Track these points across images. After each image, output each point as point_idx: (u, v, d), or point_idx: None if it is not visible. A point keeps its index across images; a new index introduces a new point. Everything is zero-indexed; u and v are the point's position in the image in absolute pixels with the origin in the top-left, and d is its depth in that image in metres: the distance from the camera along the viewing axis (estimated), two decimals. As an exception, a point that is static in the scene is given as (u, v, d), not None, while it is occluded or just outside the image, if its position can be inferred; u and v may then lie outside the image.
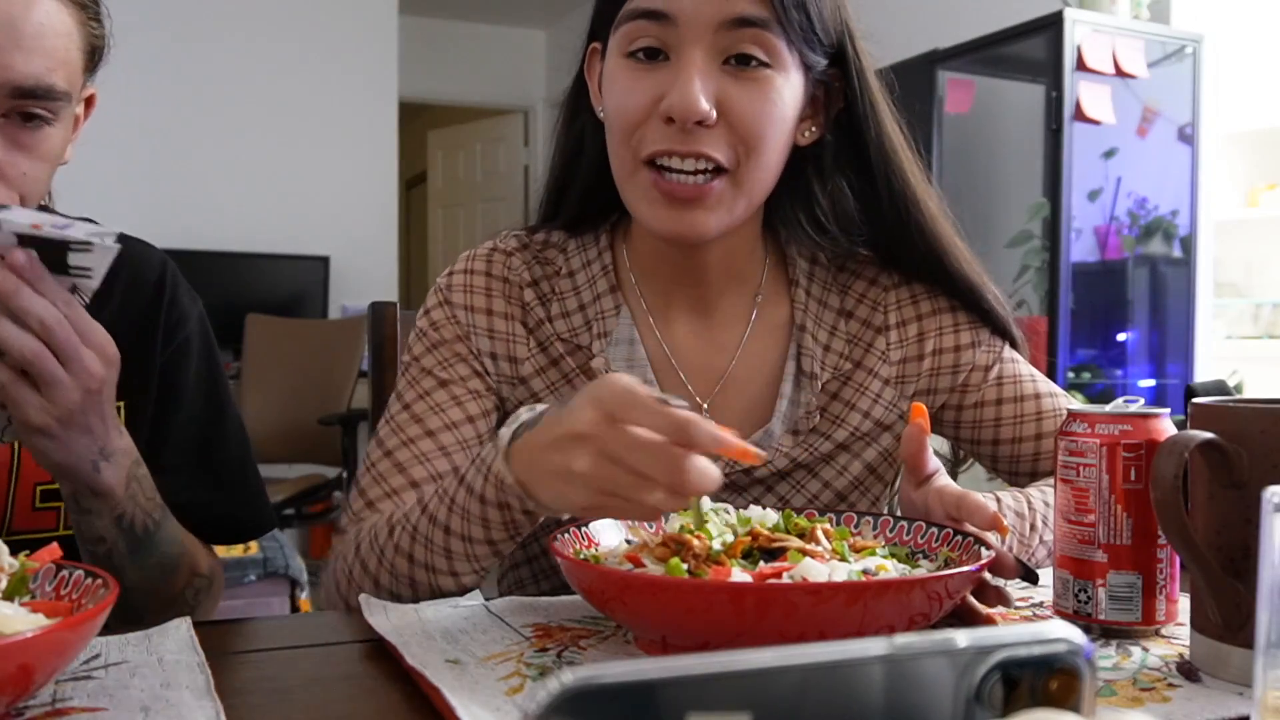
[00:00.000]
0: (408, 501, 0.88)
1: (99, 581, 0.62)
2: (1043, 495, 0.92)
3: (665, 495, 0.63)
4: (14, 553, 0.65)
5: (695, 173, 0.89)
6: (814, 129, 0.97)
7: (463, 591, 0.82)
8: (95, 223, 1.04)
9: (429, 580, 0.81)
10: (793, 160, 0.96)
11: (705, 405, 1.00)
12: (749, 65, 0.88)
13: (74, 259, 0.74)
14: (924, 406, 0.82)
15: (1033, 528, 0.89)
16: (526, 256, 1.03)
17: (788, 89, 0.91)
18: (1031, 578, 0.73)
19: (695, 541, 0.70)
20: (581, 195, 1.03)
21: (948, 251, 1.01)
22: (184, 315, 1.05)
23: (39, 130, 0.85)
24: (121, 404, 0.98)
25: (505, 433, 0.74)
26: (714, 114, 0.88)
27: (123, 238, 1.04)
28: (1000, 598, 0.74)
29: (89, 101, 0.96)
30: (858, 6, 0.98)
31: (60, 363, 0.75)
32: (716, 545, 0.71)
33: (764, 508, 0.80)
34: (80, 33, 0.88)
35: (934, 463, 0.82)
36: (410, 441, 0.94)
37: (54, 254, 0.73)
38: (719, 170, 0.90)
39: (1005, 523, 0.74)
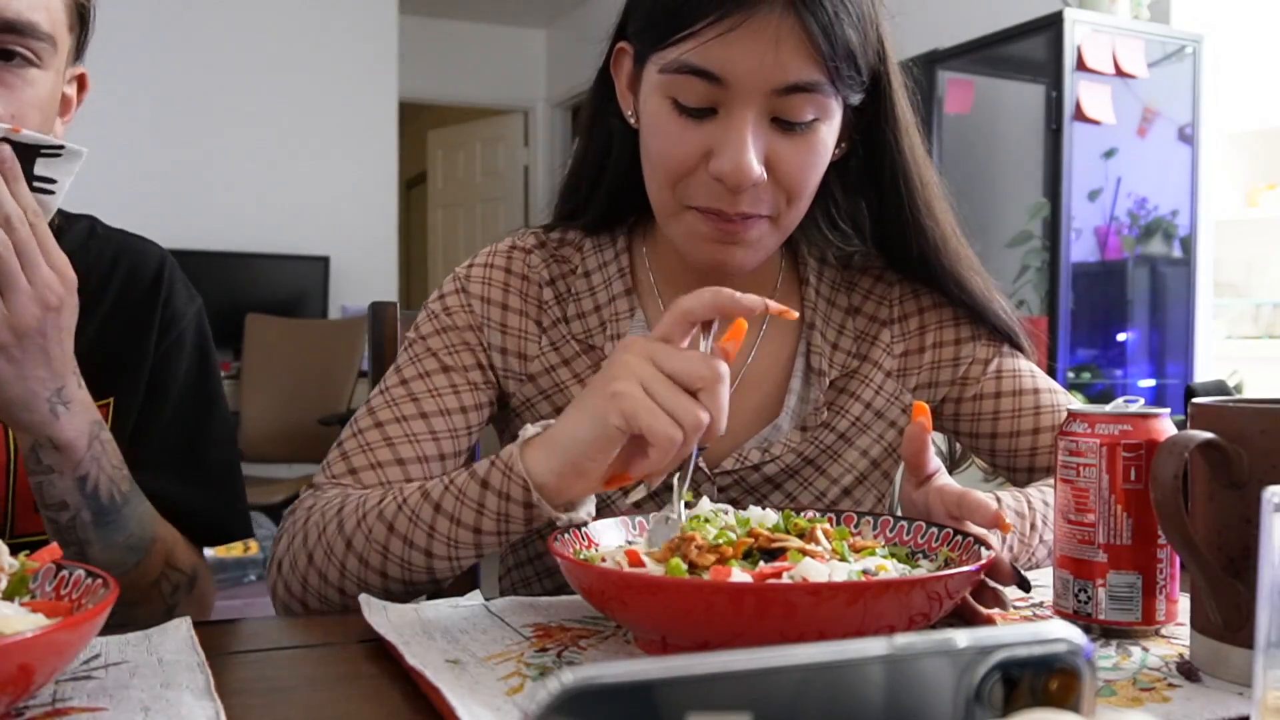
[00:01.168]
0: (391, 477, 0.90)
1: (99, 581, 0.62)
2: (1042, 495, 0.92)
3: (693, 405, 0.69)
4: (14, 553, 0.65)
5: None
6: (843, 145, 0.97)
7: (430, 576, 0.82)
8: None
9: (400, 553, 0.81)
10: None
11: None
12: (799, 128, 0.88)
13: (40, 168, 0.76)
14: (926, 405, 0.82)
15: (1033, 527, 0.89)
16: (545, 254, 1.04)
17: (831, 134, 0.91)
18: (1025, 587, 0.74)
19: (698, 537, 0.70)
20: (607, 198, 1.03)
21: (959, 271, 1.02)
22: (179, 312, 1.03)
23: (22, 70, 0.84)
24: (110, 400, 0.97)
25: (528, 429, 0.78)
26: (765, 175, 0.87)
27: (122, 233, 1.05)
28: (997, 600, 0.74)
29: (81, 84, 0.95)
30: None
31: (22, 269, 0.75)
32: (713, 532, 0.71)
33: (773, 506, 0.81)
34: None
35: (935, 462, 0.83)
36: (403, 419, 0.93)
37: (24, 161, 0.76)
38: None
39: (1007, 520, 0.75)
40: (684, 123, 0.88)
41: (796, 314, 0.75)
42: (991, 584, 0.74)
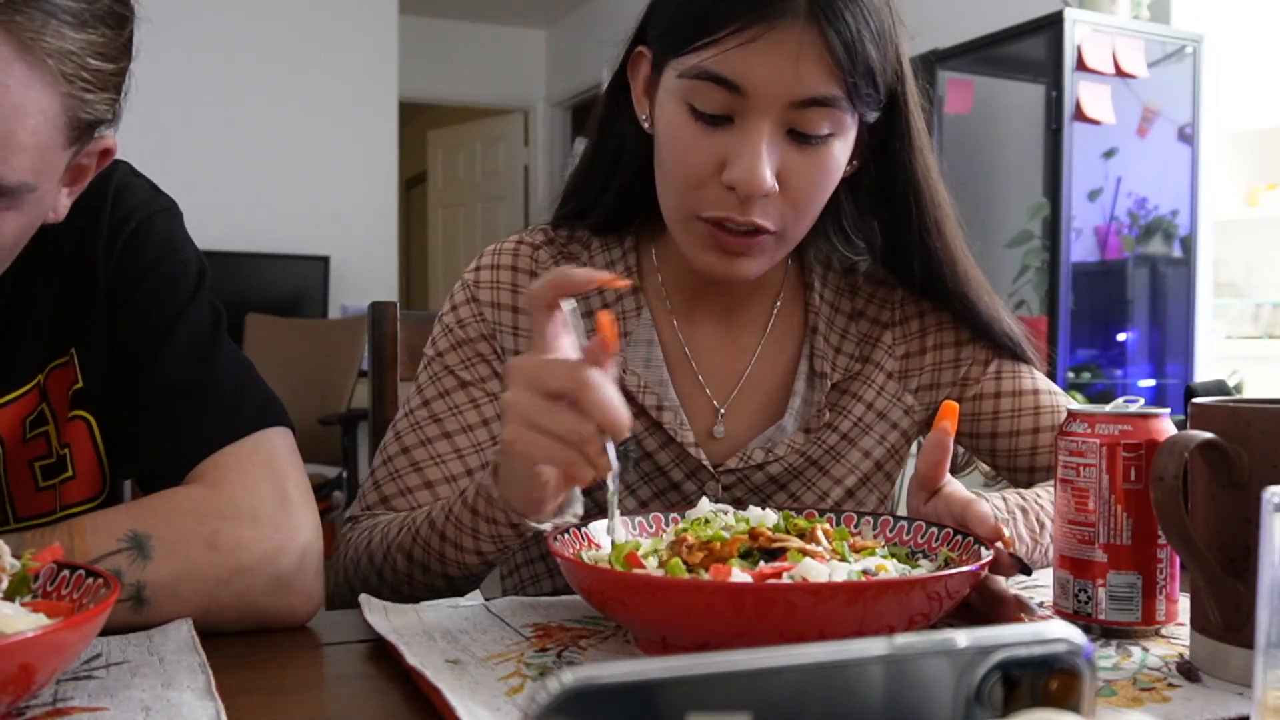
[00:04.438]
0: (420, 501, 0.93)
1: (99, 581, 0.62)
2: (1050, 495, 0.92)
3: (579, 451, 0.68)
4: (16, 553, 0.65)
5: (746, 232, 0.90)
6: (854, 162, 0.97)
7: (454, 588, 0.86)
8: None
9: (424, 580, 0.86)
10: None
11: (722, 410, 1.01)
12: (814, 141, 0.88)
13: None
14: (955, 405, 0.79)
15: (1041, 526, 0.90)
16: (553, 250, 1.04)
17: (844, 150, 0.91)
18: (1026, 570, 0.74)
19: (689, 537, 0.70)
20: (616, 200, 1.03)
21: (966, 292, 1.02)
22: (133, 209, 0.87)
23: None
24: (71, 353, 0.85)
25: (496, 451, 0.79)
26: (777, 187, 0.87)
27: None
28: (1022, 607, 0.72)
29: (105, 153, 0.82)
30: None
31: None
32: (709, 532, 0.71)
33: (777, 506, 0.81)
34: (58, 106, 0.71)
35: (946, 475, 0.82)
36: (427, 442, 0.96)
37: None
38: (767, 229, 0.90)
39: (1007, 534, 0.74)
40: (700, 130, 0.88)
41: (628, 282, 0.78)
42: (1012, 593, 0.73)
